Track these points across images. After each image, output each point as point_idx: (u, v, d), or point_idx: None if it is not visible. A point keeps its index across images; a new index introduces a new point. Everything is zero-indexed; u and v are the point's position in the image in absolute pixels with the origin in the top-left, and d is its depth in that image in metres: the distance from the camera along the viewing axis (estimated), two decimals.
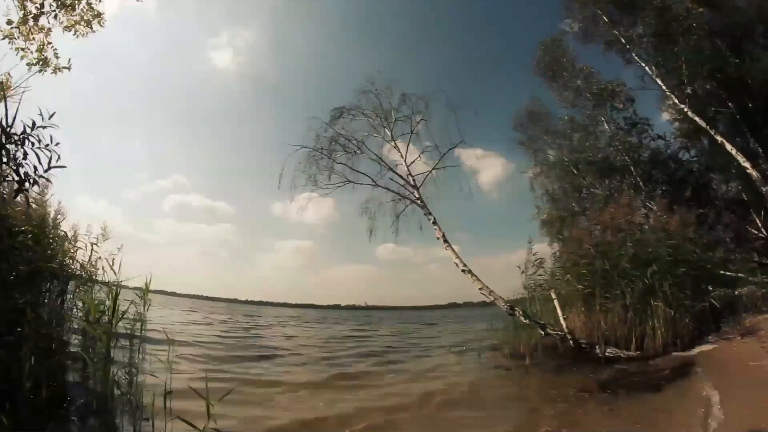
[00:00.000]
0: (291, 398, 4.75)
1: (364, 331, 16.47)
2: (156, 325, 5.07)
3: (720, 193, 12.13)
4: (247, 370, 6.31)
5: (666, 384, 4.35)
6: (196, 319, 17.34)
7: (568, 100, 13.70)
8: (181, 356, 6.11)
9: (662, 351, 5.63)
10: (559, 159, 13.84)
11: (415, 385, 5.56)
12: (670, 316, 5.79)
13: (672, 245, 6.29)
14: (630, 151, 12.19)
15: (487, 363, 7.44)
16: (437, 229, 7.71)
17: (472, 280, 7.22)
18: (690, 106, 10.27)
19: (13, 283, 3.12)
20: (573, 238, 8.11)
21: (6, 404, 2.60)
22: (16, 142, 2.77)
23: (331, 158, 8.26)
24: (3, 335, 2.77)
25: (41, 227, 3.89)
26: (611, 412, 3.84)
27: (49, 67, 5.82)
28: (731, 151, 9.43)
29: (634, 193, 10.75)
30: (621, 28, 11.47)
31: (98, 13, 6.14)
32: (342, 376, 6.11)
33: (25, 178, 2.82)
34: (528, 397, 4.90)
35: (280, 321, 22.41)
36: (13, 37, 5.68)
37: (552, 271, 7.91)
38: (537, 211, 14.49)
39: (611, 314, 6.13)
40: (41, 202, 4.58)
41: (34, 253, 3.49)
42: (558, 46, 13.63)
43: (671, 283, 5.87)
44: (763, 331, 4.95)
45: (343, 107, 8.61)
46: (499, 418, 4.09)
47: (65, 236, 4.63)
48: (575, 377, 5.20)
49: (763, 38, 10.42)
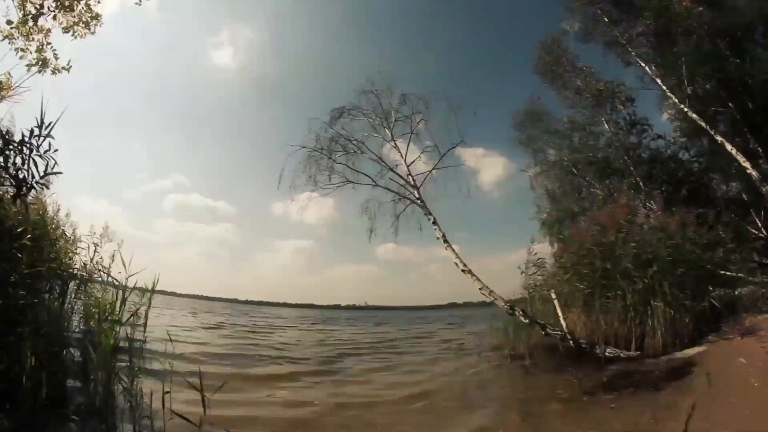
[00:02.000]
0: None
1: (388, 333, 15.90)
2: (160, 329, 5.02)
3: (720, 193, 12.13)
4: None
5: (666, 384, 4.35)
6: (205, 323, 15.70)
7: (568, 100, 13.72)
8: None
9: (662, 351, 5.62)
10: (559, 159, 13.84)
11: (415, 386, 5.57)
12: (670, 316, 5.78)
13: (672, 245, 6.28)
14: (630, 151, 12.19)
15: (486, 363, 7.45)
16: (437, 229, 7.70)
17: (472, 280, 7.21)
18: (690, 106, 10.26)
19: (13, 284, 3.13)
20: (573, 237, 8.10)
21: (6, 404, 2.61)
22: (15, 149, 2.79)
23: (331, 158, 8.26)
24: (3, 335, 2.78)
25: (40, 228, 3.89)
26: (611, 412, 3.84)
27: (49, 68, 5.82)
28: (731, 151, 9.43)
29: (634, 193, 10.75)
30: (621, 28, 11.47)
31: (96, 14, 6.14)
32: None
33: (22, 184, 2.85)
34: (528, 397, 4.90)
35: (287, 321, 21.71)
36: (13, 37, 5.68)
37: (552, 271, 7.92)
38: (537, 210, 14.51)
39: (611, 314, 6.13)
40: (41, 203, 4.59)
41: (33, 253, 3.50)
42: (558, 45, 13.64)
43: (671, 283, 5.86)
44: (763, 331, 4.94)
45: (343, 107, 8.62)
46: (500, 418, 4.09)
47: (64, 236, 4.64)
48: (575, 377, 5.20)
49: (763, 38, 10.43)
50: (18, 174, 2.84)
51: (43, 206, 4.79)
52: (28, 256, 3.41)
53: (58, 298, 4.24)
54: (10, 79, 4.89)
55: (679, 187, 11.49)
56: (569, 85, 13.52)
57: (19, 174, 2.86)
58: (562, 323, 6.40)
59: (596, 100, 12.81)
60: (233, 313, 28.20)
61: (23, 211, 3.44)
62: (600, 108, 12.97)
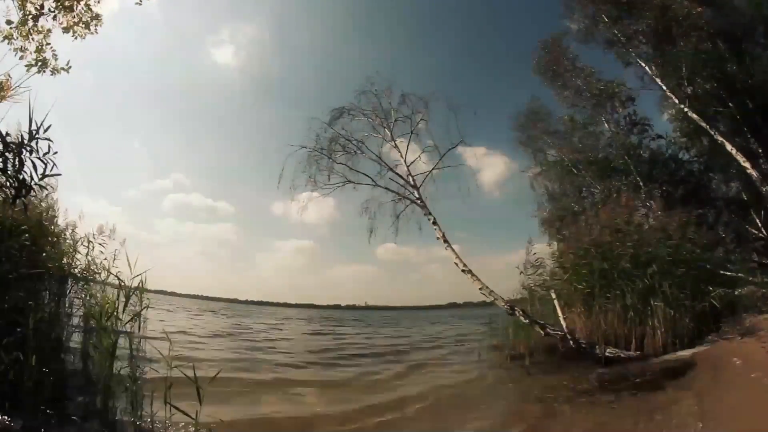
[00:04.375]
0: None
1: (401, 333, 15.93)
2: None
3: (720, 193, 12.13)
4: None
5: (665, 383, 4.35)
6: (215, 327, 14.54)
7: (568, 99, 13.69)
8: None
9: (662, 351, 5.62)
10: (559, 159, 13.83)
11: (417, 386, 5.57)
12: (670, 316, 5.78)
13: (672, 245, 6.28)
14: (630, 151, 12.18)
15: (487, 362, 7.46)
16: (437, 229, 7.71)
17: (472, 280, 7.22)
18: (690, 106, 10.25)
19: (14, 284, 3.13)
20: (572, 237, 8.09)
21: (6, 404, 2.61)
22: (14, 151, 2.80)
23: (330, 158, 8.27)
24: (3, 335, 2.78)
25: (39, 228, 3.89)
26: (611, 412, 3.84)
27: (48, 68, 5.82)
28: (731, 151, 9.42)
29: (633, 193, 10.74)
30: (621, 28, 11.46)
31: (96, 14, 6.14)
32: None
33: (21, 186, 2.86)
34: (528, 397, 4.90)
35: (301, 323, 21.34)
36: (13, 37, 5.68)
37: (551, 270, 7.92)
38: (537, 209, 14.51)
39: (611, 314, 6.12)
40: (43, 204, 4.59)
41: (33, 253, 3.50)
42: (558, 45, 13.63)
43: (671, 283, 5.86)
44: (763, 331, 4.93)
45: (343, 107, 8.62)
46: (500, 418, 4.10)
47: (63, 235, 4.64)
48: (575, 377, 5.20)
49: (763, 38, 10.41)
50: (17, 175, 2.84)
51: (48, 206, 4.80)
52: (28, 256, 3.42)
53: (58, 298, 4.25)
54: (9, 80, 4.89)
55: (679, 187, 11.50)
56: (569, 85, 13.49)
57: (19, 176, 2.86)
58: (562, 323, 6.41)
59: (596, 99, 12.80)
60: (248, 314, 27.47)
61: (23, 212, 3.44)
62: (600, 108, 12.97)
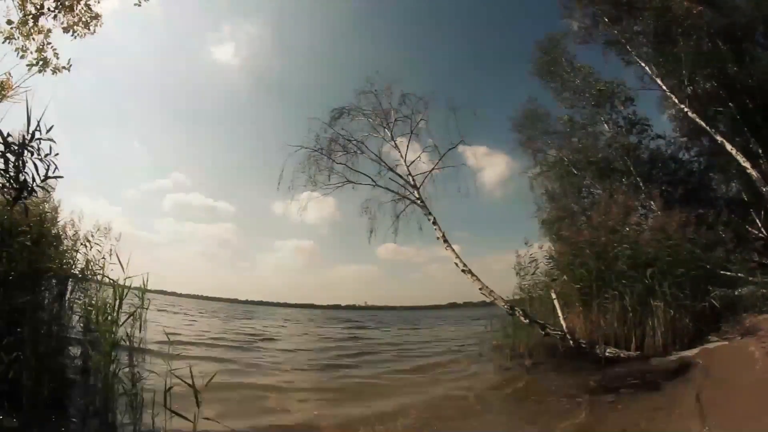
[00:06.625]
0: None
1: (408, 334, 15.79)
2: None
3: (720, 193, 12.13)
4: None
5: (665, 383, 4.35)
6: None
7: (568, 100, 13.69)
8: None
9: (662, 351, 5.63)
10: (558, 159, 13.82)
11: (418, 386, 5.57)
12: (669, 316, 5.78)
13: (671, 245, 6.28)
14: (630, 151, 12.17)
15: (486, 363, 7.46)
16: (437, 229, 7.70)
17: (472, 280, 7.21)
18: (690, 106, 10.24)
19: (13, 284, 3.13)
20: (569, 237, 8.07)
21: (6, 404, 2.61)
22: (15, 152, 2.80)
23: (330, 158, 8.26)
24: (3, 335, 2.78)
25: (39, 229, 3.89)
26: (611, 412, 3.84)
27: (49, 67, 5.82)
28: (731, 151, 9.42)
29: (633, 193, 10.73)
30: (621, 28, 11.46)
31: (96, 14, 6.15)
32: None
33: (23, 187, 2.86)
34: (527, 397, 4.91)
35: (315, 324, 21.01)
36: (13, 37, 5.68)
37: (548, 271, 7.91)
38: (537, 209, 14.49)
39: (611, 314, 6.13)
40: (45, 204, 4.59)
41: (33, 253, 3.50)
42: (556, 45, 13.62)
43: (671, 284, 5.86)
44: (763, 331, 4.94)
45: (343, 108, 8.61)
46: (500, 418, 4.10)
47: (63, 235, 4.64)
48: (575, 377, 5.21)
49: (763, 38, 10.41)
50: (18, 176, 2.84)
51: (53, 207, 4.81)
52: (28, 256, 3.42)
53: (57, 298, 4.25)
54: (10, 79, 4.89)
55: (679, 187, 11.49)
56: (568, 85, 13.49)
57: (20, 177, 2.86)
58: (562, 323, 6.41)
59: (596, 100, 12.80)
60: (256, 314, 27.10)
61: (23, 213, 3.44)
62: (600, 108, 12.96)
